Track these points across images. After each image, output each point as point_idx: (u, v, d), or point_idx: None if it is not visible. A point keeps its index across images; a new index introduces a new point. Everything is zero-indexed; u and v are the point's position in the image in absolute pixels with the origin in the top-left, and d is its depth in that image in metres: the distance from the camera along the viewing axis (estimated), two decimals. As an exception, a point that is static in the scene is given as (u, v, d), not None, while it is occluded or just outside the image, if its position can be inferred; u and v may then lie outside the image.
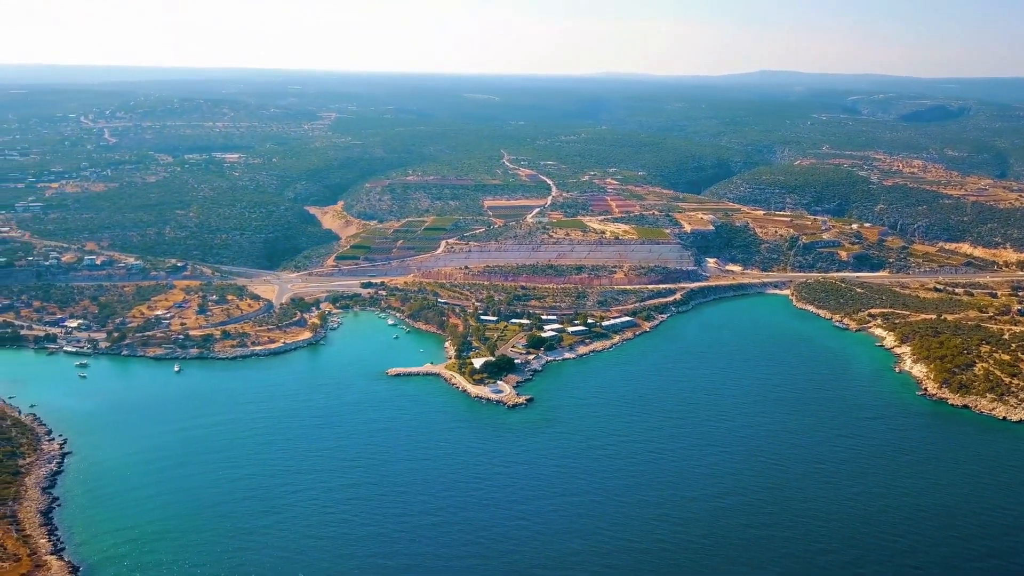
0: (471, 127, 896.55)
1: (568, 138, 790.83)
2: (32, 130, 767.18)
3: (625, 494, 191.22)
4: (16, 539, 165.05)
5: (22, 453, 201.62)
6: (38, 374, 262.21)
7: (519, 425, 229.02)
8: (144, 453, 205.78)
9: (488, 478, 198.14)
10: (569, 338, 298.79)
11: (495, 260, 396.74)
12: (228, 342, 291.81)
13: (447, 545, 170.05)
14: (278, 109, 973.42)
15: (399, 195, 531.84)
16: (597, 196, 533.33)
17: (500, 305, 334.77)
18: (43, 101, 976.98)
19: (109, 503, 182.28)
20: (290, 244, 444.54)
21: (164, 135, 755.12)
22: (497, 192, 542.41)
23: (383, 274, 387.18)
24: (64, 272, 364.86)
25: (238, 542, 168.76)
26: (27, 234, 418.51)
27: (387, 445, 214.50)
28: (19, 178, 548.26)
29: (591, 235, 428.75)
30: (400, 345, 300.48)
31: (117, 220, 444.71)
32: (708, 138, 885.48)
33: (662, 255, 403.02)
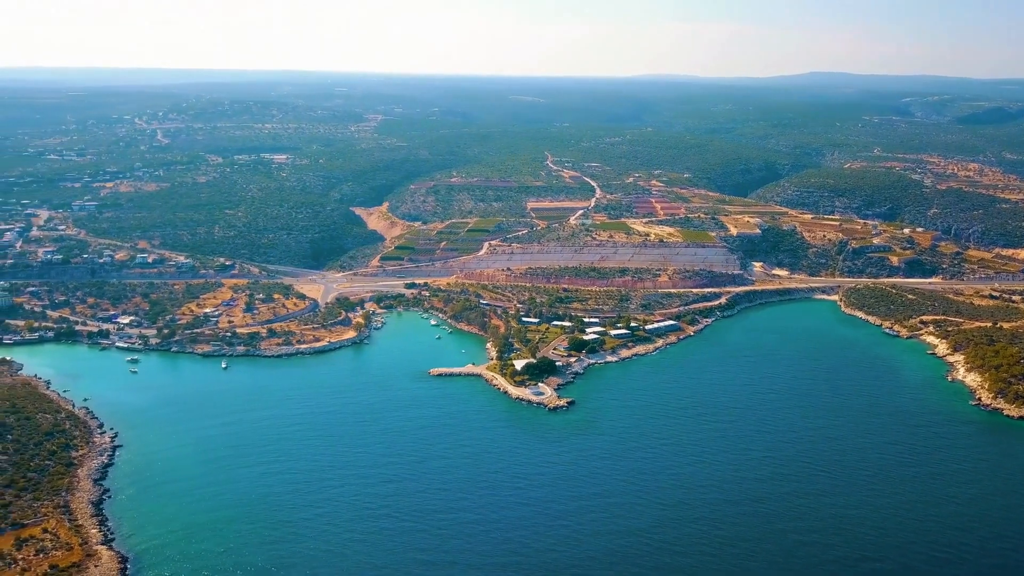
0: (516, 129, 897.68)
1: (613, 140, 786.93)
2: (89, 131, 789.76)
3: (665, 497, 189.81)
4: (68, 529, 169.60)
5: (75, 445, 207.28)
6: (91, 369, 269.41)
7: (560, 427, 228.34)
8: (191, 447, 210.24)
9: (527, 478, 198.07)
10: (611, 341, 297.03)
11: (538, 262, 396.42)
12: (274, 340, 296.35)
13: (485, 542, 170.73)
14: (325, 111, 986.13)
15: (443, 197, 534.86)
16: (642, 198, 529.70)
17: (542, 307, 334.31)
18: (100, 103, 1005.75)
19: (157, 495, 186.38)
20: (336, 244, 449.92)
21: (214, 136, 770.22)
22: (540, 194, 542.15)
23: (426, 275, 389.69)
24: (117, 270, 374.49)
25: (281, 535, 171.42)
26: (83, 232, 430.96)
27: (428, 444, 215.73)
28: (76, 178, 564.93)
29: (635, 237, 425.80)
30: (442, 345, 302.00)
31: (168, 219, 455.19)
32: (755, 140, 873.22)
33: (707, 258, 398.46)
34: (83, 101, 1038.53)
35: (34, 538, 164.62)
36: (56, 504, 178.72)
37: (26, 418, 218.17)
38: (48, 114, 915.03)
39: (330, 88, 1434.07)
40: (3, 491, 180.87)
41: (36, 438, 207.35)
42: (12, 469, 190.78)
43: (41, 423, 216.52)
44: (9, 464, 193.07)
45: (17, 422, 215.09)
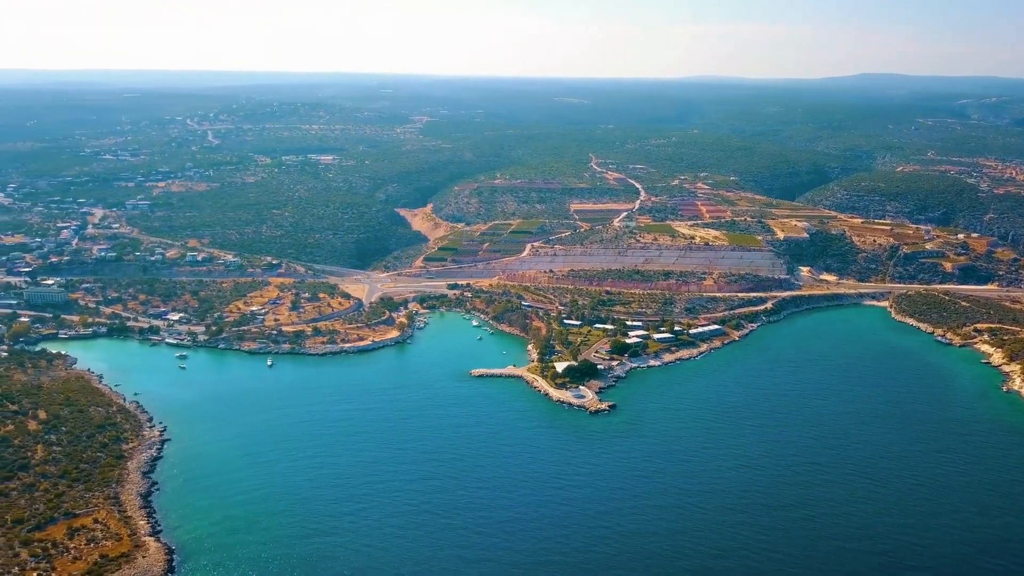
0: (560, 130, 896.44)
1: (658, 142, 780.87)
2: (143, 132, 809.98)
3: (707, 501, 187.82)
4: (118, 520, 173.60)
5: (126, 438, 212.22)
6: (142, 364, 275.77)
7: (600, 431, 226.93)
8: (237, 442, 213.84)
9: (567, 479, 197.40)
10: (654, 345, 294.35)
11: (580, 264, 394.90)
12: (319, 339, 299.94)
13: (524, 541, 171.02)
14: (371, 112, 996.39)
15: (486, 198, 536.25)
16: (687, 201, 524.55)
17: (584, 309, 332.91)
18: (153, 105, 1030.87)
19: (203, 488, 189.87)
20: (380, 245, 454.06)
21: (263, 137, 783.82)
22: (584, 196, 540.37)
23: (469, 276, 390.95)
24: (168, 267, 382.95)
25: (323, 530, 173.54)
26: (135, 230, 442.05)
27: (468, 443, 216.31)
28: (130, 178, 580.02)
29: (680, 240, 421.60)
30: (484, 346, 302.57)
31: (217, 218, 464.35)
32: (803, 143, 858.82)
33: (753, 262, 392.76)
34: (137, 103, 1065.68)
35: (85, 528, 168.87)
36: (106, 495, 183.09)
37: (79, 411, 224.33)
38: (104, 115, 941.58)
39: (376, 90, 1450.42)
40: (57, 481, 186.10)
41: (89, 430, 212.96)
42: (65, 460, 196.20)
43: (94, 416, 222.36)
44: (63, 455, 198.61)
45: (71, 415, 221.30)
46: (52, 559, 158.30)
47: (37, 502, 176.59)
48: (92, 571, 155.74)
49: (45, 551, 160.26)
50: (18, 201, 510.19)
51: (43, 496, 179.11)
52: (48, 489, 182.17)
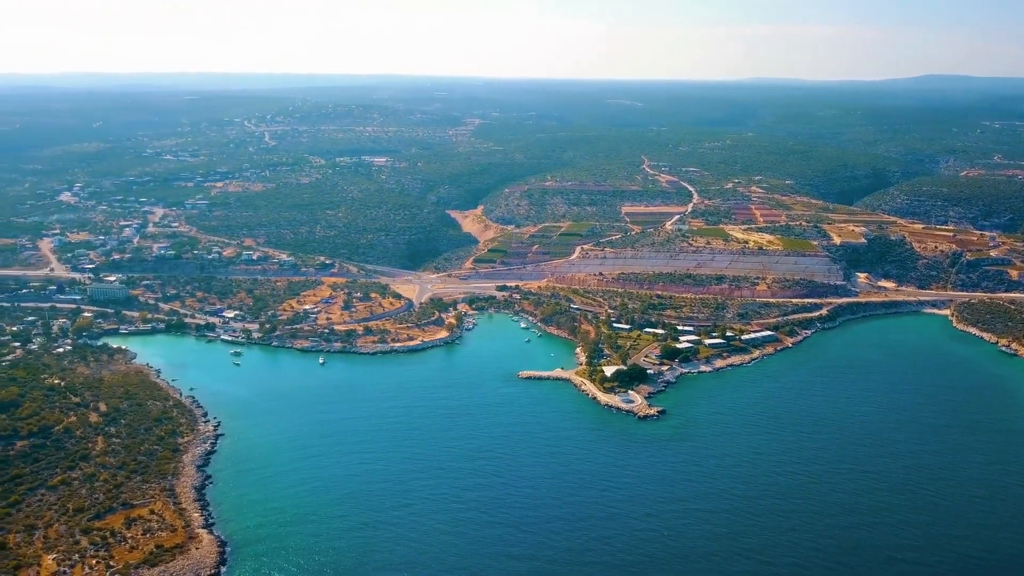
0: (612, 133, 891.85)
1: (712, 144, 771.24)
2: (202, 133, 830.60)
3: (756, 506, 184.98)
4: (173, 511, 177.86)
5: (181, 432, 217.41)
6: (198, 360, 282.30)
7: (649, 436, 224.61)
8: (288, 438, 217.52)
9: (614, 482, 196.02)
10: (705, 350, 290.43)
11: (631, 267, 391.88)
12: (370, 338, 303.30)
13: (571, 542, 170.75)
14: (424, 115, 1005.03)
15: (537, 200, 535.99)
16: (740, 204, 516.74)
17: (634, 313, 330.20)
18: (212, 106, 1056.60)
19: (255, 483, 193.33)
20: (431, 246, 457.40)
21: (318, 138, 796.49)
22: (635, 198, 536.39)
23: (518, 278, 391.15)
24: (224, 266, 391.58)
25: (371, 527, 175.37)
26: (194, 229, 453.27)
27: (515, 445, 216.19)
28: (189, 177, 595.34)
29: (733, 244, 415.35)
30: (532, 349, 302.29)
31: (273, 218, 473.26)
32: (862, 146, 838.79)
33: (808, 268, 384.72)
34: (197, 104, 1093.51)
35: (142, 518, 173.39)
36: (162, 487, 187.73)
37: (138, 404, 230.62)
38: (166, 117, 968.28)
39: (430, 92, 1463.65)
40: (116, 472, 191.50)
41: (146, 423, 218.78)
42: (124, 452, 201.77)
43: (151, 410, 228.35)
44: (122, 447, 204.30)
45: (130, 408, 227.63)
46: (110, 547, 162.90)
47: (97, 492, 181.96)
48: (148, 560, 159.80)
49: (104, 539, 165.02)
50: (84, 200, 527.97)
51: (103, 486, 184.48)
52: (107, 480, 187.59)
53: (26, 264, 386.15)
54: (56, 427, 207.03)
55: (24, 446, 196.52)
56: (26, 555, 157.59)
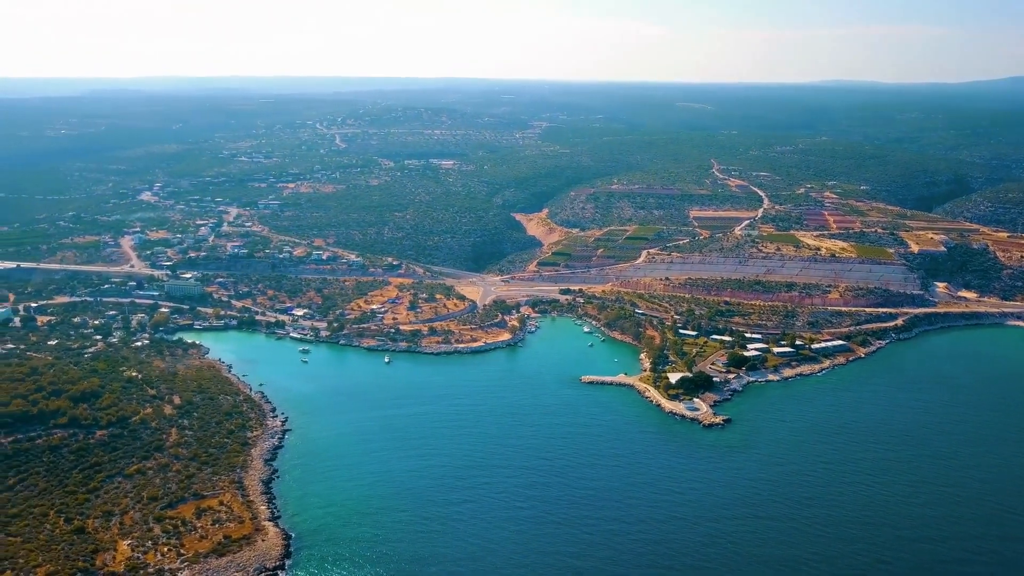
0: (680, 136, 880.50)
1: (784, 149, 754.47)
2: (275, 135, 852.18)
3: (825, 524, 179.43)
4: (241, 503, 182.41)
5: (250, 426, 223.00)
6: (268, 356, 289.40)
7: (714, 445, 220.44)
8: (354, 435, 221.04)
9: (677, 491, 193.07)
10: (774, 359, 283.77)
11: (698, 272, 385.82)
12: (434, 338, 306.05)
13: (631, 549, 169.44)
14: (492, 118, 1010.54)
15: (602, 203, 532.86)
16: (813, 210, 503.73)
17: (700, 319, 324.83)
18: (286, 109, 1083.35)
19: (320, 478, 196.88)
20: (496, 248, 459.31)
21: (387, 141, 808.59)
22: (704, 202, 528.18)
23: (582, 281, 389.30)
24: (295, 265, 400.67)
25: (432, 525, 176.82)
26: (266, 229, 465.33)
27: (576, 449, 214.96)
28: (262, 179, 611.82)
29: (804, 251, 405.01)
30: (595, 353, 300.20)
31: (342, 219, 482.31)
32: (943, 151, 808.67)
33: (883, 276, 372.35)
34: (272, 107, 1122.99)
35: (212, 509, 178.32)
36: (231, 480, 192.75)
37: (210, 398, 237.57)
38: (242, 119, 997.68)
39: (497, 96, 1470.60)
40: (188, 463, 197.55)
41: (217, 417, 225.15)
42: (196, 444, 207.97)
43: (222, 404, 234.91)
44: (194, 439, 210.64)
45: (202, 401, 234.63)
46: (181, 536, 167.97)
47: (170, 482, 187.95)
48: (216, 550, 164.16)
49: (175, 528, 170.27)
50: (163, 199, 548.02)
51: (175, 476, 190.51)
52: (180, 470, 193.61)
53: (108, 261, 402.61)
54: (133, 418, 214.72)
55: (103, 435, 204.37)
56: (103, 540, 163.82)
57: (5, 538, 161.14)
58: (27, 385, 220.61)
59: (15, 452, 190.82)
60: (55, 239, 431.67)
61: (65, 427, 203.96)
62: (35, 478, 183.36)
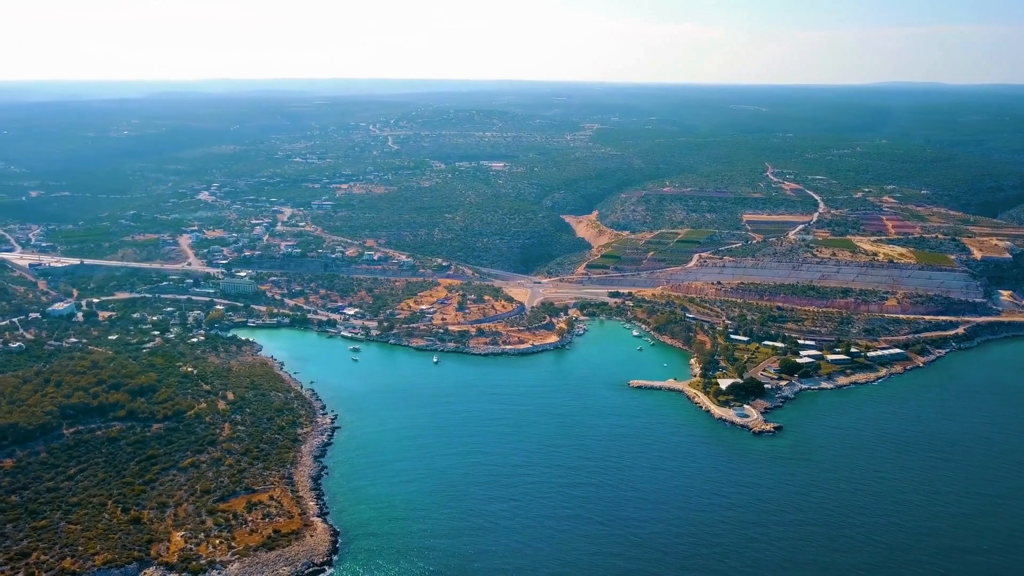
0: (734, 138, 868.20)
1: (841, 152, 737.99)
2: (329, 137, 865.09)
3: (875, 531, 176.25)
4: (291, 499, 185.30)
5: (301, 423, 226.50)
6: (319, 354, 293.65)
7: (764, 452, 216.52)
8: (401, 433, 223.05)
9: (725, 497, 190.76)
10: (828, 366, 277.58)
11: (750, 277, 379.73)
12: (482, 339, 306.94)
13: (676, 552, 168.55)
14: (542, 120, 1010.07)
15: (653, 206, 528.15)
16: (870, 215, 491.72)
17: (752, 325, 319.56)
18: (340, 111, 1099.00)
19: (368, 476, 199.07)
20: (544, 250, 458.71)
21: (439, 143, 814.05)
22: (757, 206, 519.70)
23: (631, 284, 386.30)
24: (346, 264, 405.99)
25: (477, 524, 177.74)
26: (319, 229, 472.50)
27: (625, 453, 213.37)
28: (316, 179, 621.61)
29: (861, 256, 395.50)
30: (643, 357, 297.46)
31: (393, 220, 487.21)
32: (1009, 155, 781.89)
33: (944, 283, 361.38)
34: (326, 109, 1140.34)
35: (262, 503, 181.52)
36: (281, 475, 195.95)
37: (262, 394, 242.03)
38: (297, 121, 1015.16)
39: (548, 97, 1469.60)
40: (240, 458, 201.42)
41: (269, 413, 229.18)
42: (248, 439, 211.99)
43: (274, 400, 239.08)
44: (246, 434, 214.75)
45: (255, 397, 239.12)
46: (232, 529, 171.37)
47: (222, 476, 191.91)
48: (266, 544, 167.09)
49: (227, 521, 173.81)
50: (220, 199, 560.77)
51: (228, 471, 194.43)
52: (232, 464, 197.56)
53: (167, 258, 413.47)
54: (188, 412, 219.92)
55: (159, 428, 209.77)
56: (158, 531, 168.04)
57: (66, 526, 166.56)
58: (88, 378, 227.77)
59: (76, 443, 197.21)
60: (117, 237, 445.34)
61: (123, 420, 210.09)
62: (95, 468, 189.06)
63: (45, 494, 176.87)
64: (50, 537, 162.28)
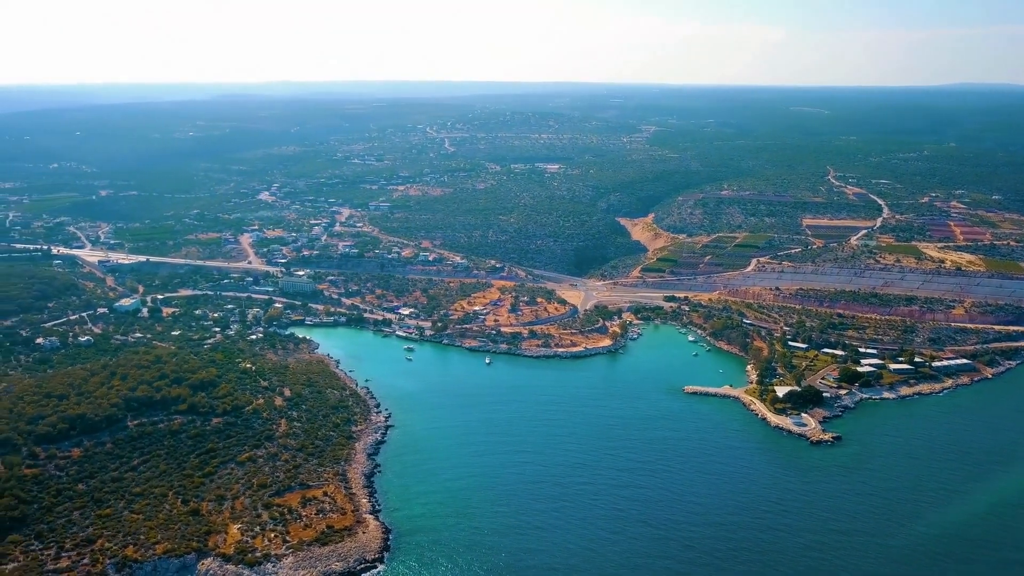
0: (795, 141, 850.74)
1: (906, 155, 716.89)
2: (387, 139, 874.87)
3: (940, 547, 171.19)
4: (344, 495, 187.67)
5: (355, 421, 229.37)
6: (374, 353, 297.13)
7: (822, 462, 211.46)
8: (454, 433, 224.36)
9: (781, 507, 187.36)
10: (890, 376, 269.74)
11: (810, 283, 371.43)
12: (534, 341, 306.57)
13: (730, 559, 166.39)
14: (599, 122, 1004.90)
15: (711, 209, 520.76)
16: (937, 220, 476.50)
17: (812, 332, 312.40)
18: (397, 113, 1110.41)
19: (419, 474, 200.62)
20: (599, 253, 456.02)
21: (495, 145, 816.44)
22: (818, 210, 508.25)
23: (687, 289, 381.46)
24: (402, 265, 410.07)
25: (527, 526, 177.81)
26: (376, 229, 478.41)
27: (678, 459, 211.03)
28: (374, 181, 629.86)
29: (926, 263, 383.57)
30: (699, 363, 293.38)
31: (448, 222, 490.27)
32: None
33: (1015, 292, 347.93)
34: (384, 111, 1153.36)
35: (316, 499, 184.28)
36: (336, 472, 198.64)
37: (318, 392, 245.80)
38: (355, 123, 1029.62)
39: (605, 99, 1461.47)
40: (295, 454, 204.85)
41: (324, 410, 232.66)
42: (303, 435, 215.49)
43: (330, 398, 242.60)
44: (302, 430, 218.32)
45: (311, 395, 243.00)
46: (287, 523, 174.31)
47: (278, 471, 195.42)
48: (319, 539, 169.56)
49: (282, 515, 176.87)
50: (280, 199, 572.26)
51: (283, 466, 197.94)
52: (288, 460, 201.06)
53: (228, 257, 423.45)
54: (246, 408, 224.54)
55: (219, 423, 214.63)
56: (215, 522, 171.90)
57: (129, 515, 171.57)
58: (152, 372, 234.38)
59: (140, 435, 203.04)
60: (181, 235, 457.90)
61: (185, 413, 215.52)
62: (157, 460, 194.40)
63: (110, 484, 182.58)
64: (114, 525, 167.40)
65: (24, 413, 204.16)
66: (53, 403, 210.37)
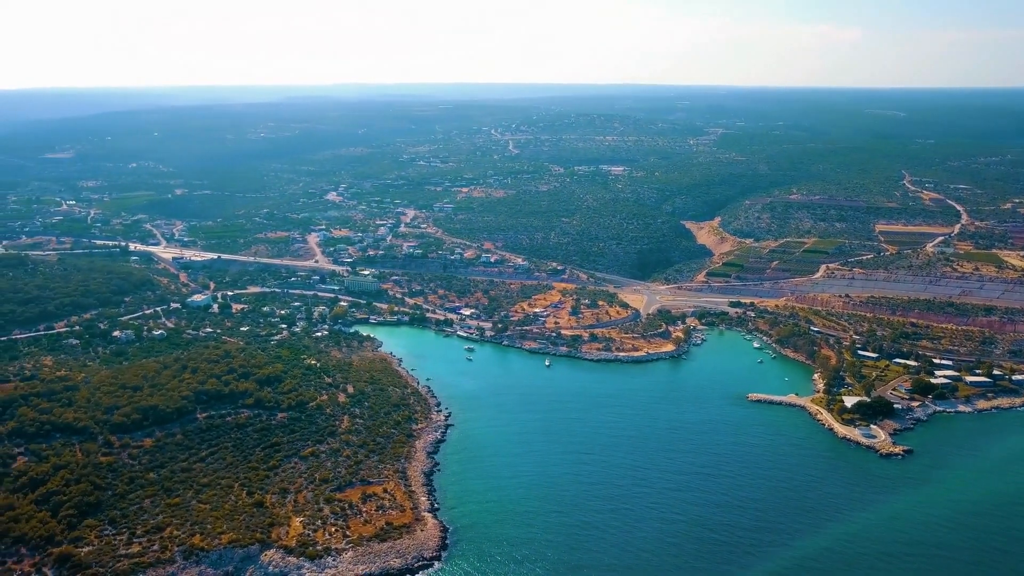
0: (868, 144, 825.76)
1: (988, 159, 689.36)
2: (452, 140, 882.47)
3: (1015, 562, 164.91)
4: (403, 493, 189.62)
5: (416, 419, 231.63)
6: (435, 352, 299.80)
7: (891, 475, 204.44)
8: (513, 434, 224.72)
9: (849, 519, 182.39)
10: (966, 389, 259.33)
11: (882, 290, 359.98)
12: (595, 344, 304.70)
13: (786, 568, 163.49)
14: (665, 124, 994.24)
15: (779, 214, 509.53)
16: (1020, 227, 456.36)
17: (882, 341, 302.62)
18: (462, 115, 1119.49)
19: (478, 474, 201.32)
20: (662, 256, 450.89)
21: (559, 147, 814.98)
22: (892, 216, 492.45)
23: (753, 294, 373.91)
24: (464, 266, 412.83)
25: (584, 528, 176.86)
26: (439, 231, 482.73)
27: (739, 468, 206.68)
28: (438, 182, 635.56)
29: (1008, 272, 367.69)
30: (764, 370, 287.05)
31: (511, 224, 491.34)
32: None
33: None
34: (449, 113, 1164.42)
35: (376, 495, 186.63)
36: (396, 469, 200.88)
37: (380, 389, 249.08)
38: (421, 125, 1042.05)
39: (672, 102, 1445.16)
40: (357, 450, 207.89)
41: (386, 408, 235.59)
42: (365, 432, 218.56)
43: (391, 395, 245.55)
44: (364, 427, 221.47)
45: (373, 392, 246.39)
46: (347, 518, 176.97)
47: (340, 466, 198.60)
48: (378, 535, 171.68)
49: (343, 510, 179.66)
50: (346, 200, 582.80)
51: (345, 461, 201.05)
52: (350, 456, 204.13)
53: (296, 255, 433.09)
54: (310, 403, 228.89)
55: (283, 418, 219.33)
56: (278, 515, 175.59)
57: (197, 504, 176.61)
58: (221, 367, 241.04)
59: (208, 427, 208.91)
60: (251, 234, 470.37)
61: (251, 408, 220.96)
62: (224, 452, 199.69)
63: (179, 474, 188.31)
64: (182, 514, 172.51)
65: (101, 403, 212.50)
66: (128, 394, 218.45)
